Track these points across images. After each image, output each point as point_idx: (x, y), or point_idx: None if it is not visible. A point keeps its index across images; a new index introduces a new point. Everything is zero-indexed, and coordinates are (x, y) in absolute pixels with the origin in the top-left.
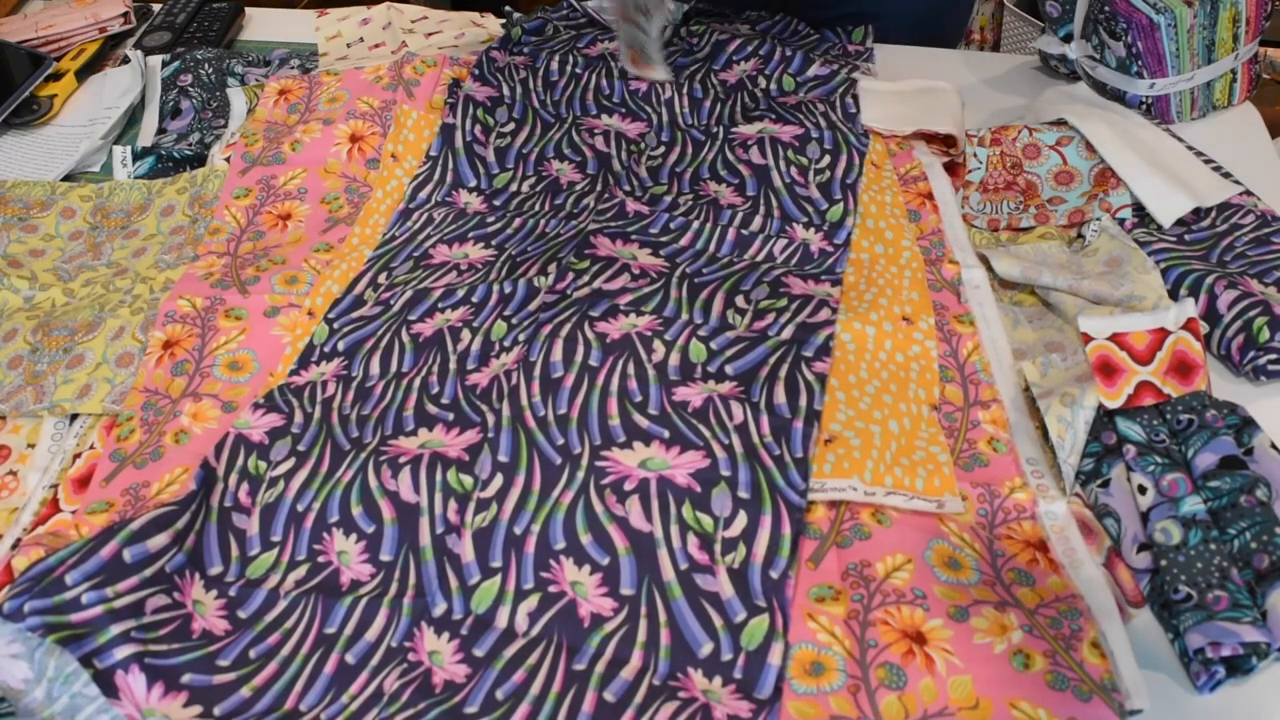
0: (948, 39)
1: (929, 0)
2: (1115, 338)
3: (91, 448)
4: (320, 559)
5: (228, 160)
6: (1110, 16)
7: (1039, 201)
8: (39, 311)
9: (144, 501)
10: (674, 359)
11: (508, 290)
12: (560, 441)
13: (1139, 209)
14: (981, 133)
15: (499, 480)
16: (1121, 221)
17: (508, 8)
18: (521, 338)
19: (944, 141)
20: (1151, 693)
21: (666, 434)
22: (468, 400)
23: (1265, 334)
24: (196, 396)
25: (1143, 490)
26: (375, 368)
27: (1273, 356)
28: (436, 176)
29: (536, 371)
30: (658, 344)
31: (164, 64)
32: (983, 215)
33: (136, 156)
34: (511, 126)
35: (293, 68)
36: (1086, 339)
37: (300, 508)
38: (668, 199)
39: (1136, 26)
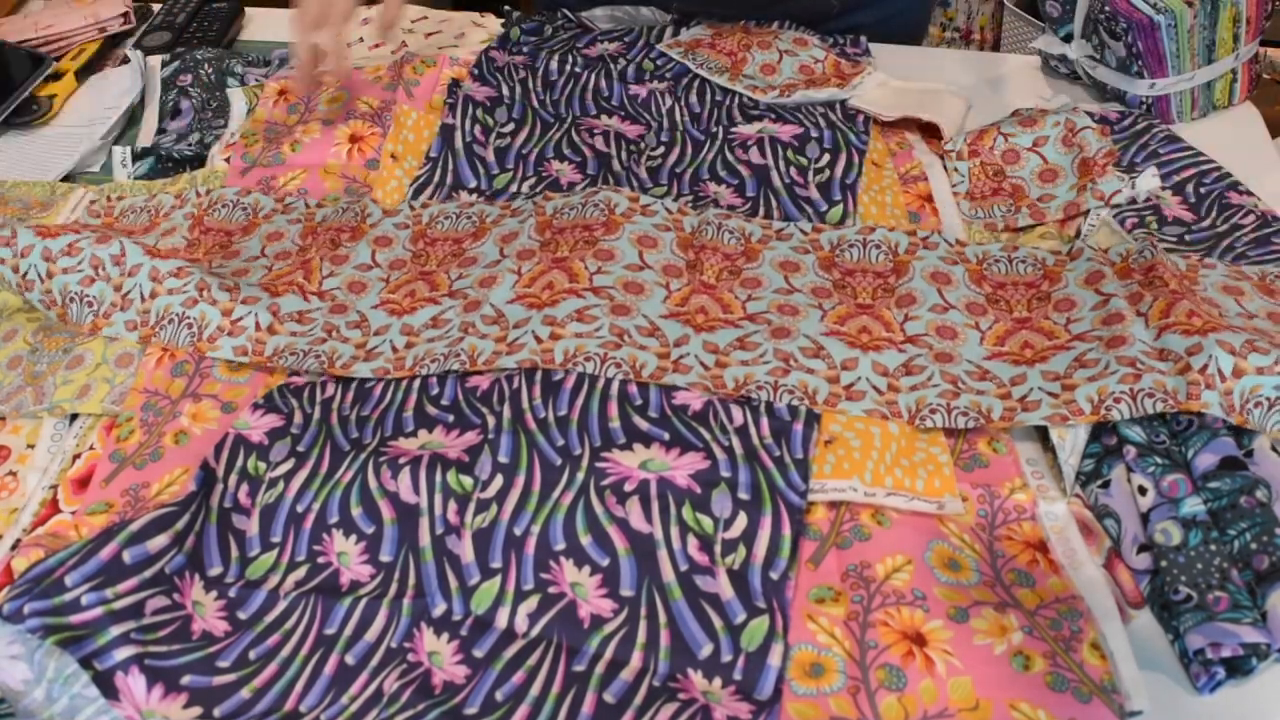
0: (914, 35)
1: (896, 10)
2: None
3: (91, 448)
4: (320, 560)
5: (228, 160)
6: (1111, 16)
7: (1029, 201)
8: (39, 312)
9: (144, 502)
10: None
11: None
12: (560, 443)
13: (1133, 203)
14: (959, 145)
15: (499, 481)
16: (1123, 221)
17: (507, 7)
18: None
19: (941, 137)
20: (1151, 693)
21: (666, 436)
22: (468, 402)
23: None
24: (196, 397)
25: (1143, 491)
26: None
27: None
28: (437, 178)
29: (537, 374)
30: None
31: (164, 64)
32: (978, 221)
33: (136, 156)
34: (511, 127)
35: (293, 68)
36: None
37: (300, 508)
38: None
39: (1137, 26)
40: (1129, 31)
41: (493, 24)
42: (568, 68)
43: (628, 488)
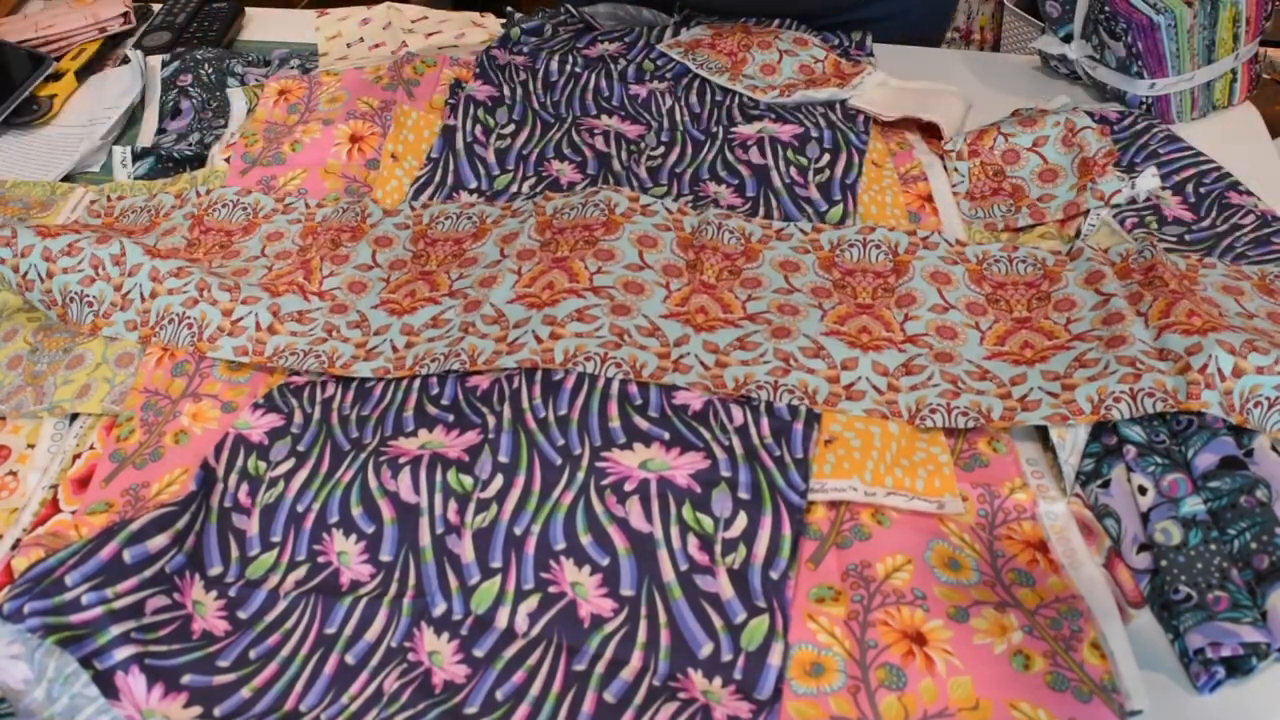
0: (931, 38)
1: (914, 3)
2: None
3: (91, 448)
4: (320, 559)
5: (228, 160)
6: (1110, 17)
7: (1029, 201)
8: (39, 312)
9: (144, 502)
10: None
11: None
12: (560, 442)
13: (1133, 203)
14: (959, 145)
15: (499, 481)
16: (1123, 221)
17: (509, 8)
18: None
19: (941, 137)
20: (1151, 693)
21: (667, 435)
22: (468, 401)
23: None
24: (196, 397)
25: (1143, 491)
26: None
27: None
28: (438, 179)
29: (537, 374)
30: None
31: (164, 64)
32: (978, 221)
33: (136, 156)
34: (511, 128)
35: (293, 68)
36: None
37: (300, 508)
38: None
39: (1137, 27)
40: (1129, 32)
41: (493, 24)
42: (568, 68)
43: (628, 487)
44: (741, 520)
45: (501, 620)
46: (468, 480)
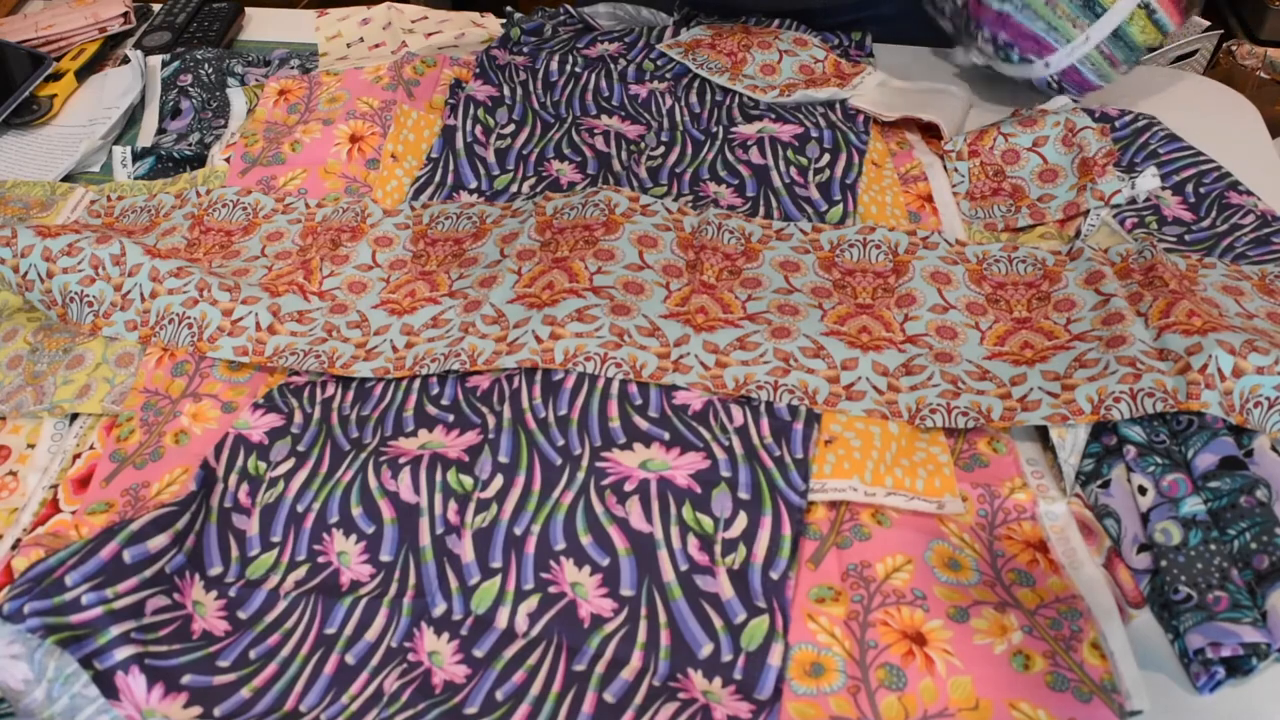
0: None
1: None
2: None
3: (91, 448)
4: (320, 559)
5: (228, 160)
6: (968, 21)
7: (1029, 201)
8: (39, 312)
9: (144, 502)
10: None
11: None
12: (560, 442)
13: (1133, 203)
14: (959, 146)
15: (499, 481)
16: (1123, 221)
17: (509, 8)
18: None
19: (941, 137)
20: (1151, 693)
21: (667, 435)
22: (468, 401)
23: None
24: (196, 397)
25: (1143, 491)
26: None
27: None
28: (438, 179)
29: (537, 374)
30: None
31: (164, 64)
32: (978, 221)
33: (136, 156)
34: (511, 128)
35: (293, 68)
36: None
37: (300, 508)
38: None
39: (989, 21)
40: (983, 27)
41: (493, 24)
42: (568, 68)
43: (628, 487)
44: (741, 520)
45: (501, 620)
46: (468, 480)
